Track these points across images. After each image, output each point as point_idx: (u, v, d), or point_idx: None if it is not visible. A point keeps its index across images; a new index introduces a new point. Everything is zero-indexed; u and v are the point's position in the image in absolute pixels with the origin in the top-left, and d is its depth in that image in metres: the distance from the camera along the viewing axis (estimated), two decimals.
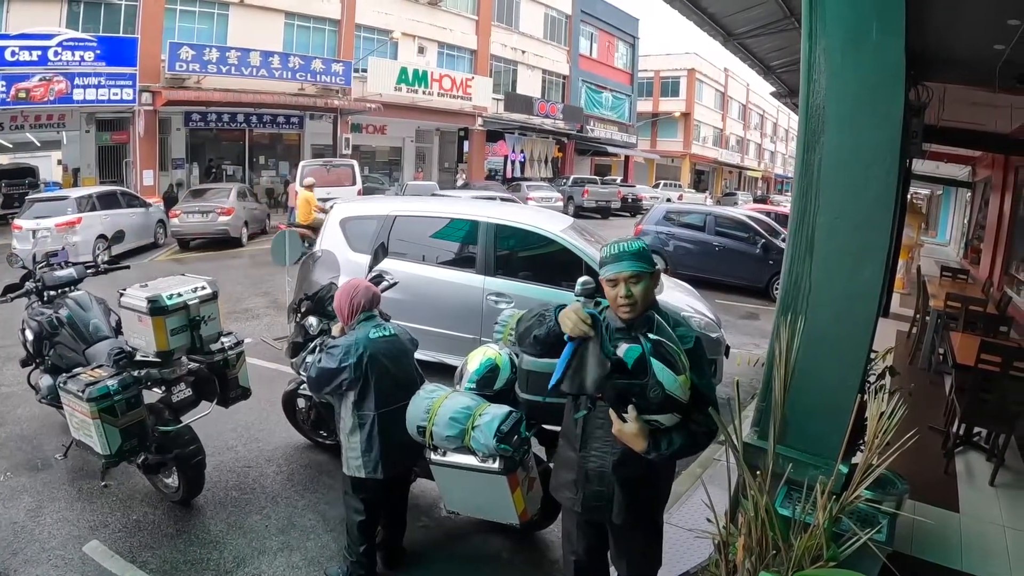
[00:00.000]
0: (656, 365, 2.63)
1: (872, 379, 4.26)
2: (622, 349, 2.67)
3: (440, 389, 4.10)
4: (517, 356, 4.06)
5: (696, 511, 4.66)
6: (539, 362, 3.58)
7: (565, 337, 2.80)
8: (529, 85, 42.51)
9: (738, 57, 8.93)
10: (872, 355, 3.77)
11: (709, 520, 2.97)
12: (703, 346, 2.96)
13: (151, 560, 4.58)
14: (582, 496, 3.11)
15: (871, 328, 3.27)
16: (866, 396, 3.22)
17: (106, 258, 14.91)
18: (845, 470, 2.98)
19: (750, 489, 2.83)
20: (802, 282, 3.32)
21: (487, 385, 4.11)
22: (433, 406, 3.90)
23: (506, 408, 3.81)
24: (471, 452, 3.78)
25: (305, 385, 5.61)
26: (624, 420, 2.74)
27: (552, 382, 2.81)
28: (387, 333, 4.17)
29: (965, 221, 22.37)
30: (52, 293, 6.13)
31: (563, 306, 2.90)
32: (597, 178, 40.56)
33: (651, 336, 2.72)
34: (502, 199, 18.68)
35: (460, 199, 14.75)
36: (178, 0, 26.34)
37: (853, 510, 2.87)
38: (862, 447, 3.08)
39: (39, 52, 22.04)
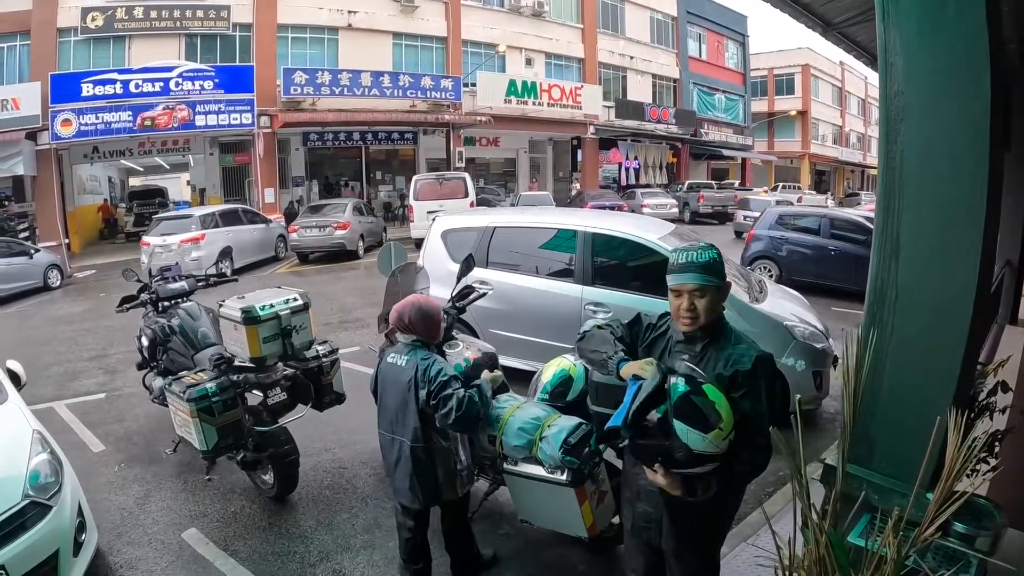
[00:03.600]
0: (679, 428, 2.55)
1: (982, 395, 3.94)
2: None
3: (512, 399, 4.10)
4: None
5: (762, 535, 4.47)
6: None
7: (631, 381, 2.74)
8: (639, 91, 42.03)
9: (841, 48, 8.54)
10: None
11: (780, 547, 2.83)
12: (765, 367, 2.79)
13: (242, 549, 4.90)
14: (632, 514, 3.08)
15: (965, 338, 2.90)
16: (968, 414, 2.96)
17: (228, 272, 15.65)
18: (931, 497, 2.67)
19: (810, 519, 2.67)
20: (888, 288, 3.05)
21: (560, 397, 4.06)
22: (504, 416, 3.90)
23: (576, 420, 3.75)
24: (539, 463, 3.76)
25: None
26: (655, 471, 2.69)
27: (615, 422, 2.72)
28: (394, 361, 4.01)
29: None
30: (165, 304, 6.70)
31: (625, 358, 2.89)
32: (713, 183, 39.78)
33: (680, 386, 2.59)
34: None
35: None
36: (289, 28, 27.72)
37: (940, 547, 2.64)
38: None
39: (161, 83, 23.83)
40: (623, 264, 7.65)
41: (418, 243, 17.26)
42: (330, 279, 16.86)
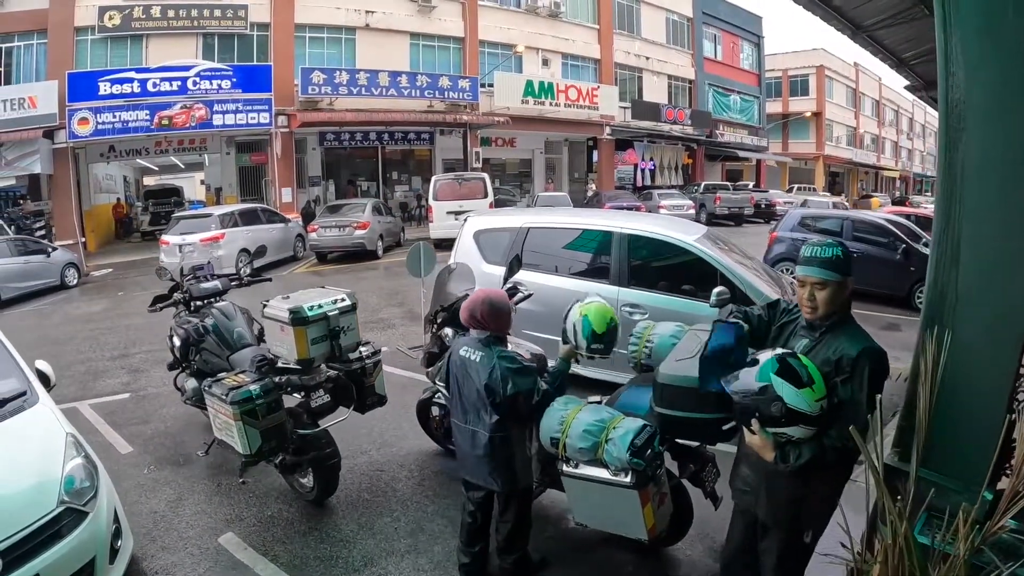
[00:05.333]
0: (775, 380, 2.81)
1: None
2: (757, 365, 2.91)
3: (573, 401, 4.03)
4: (650, 368, 4.02)
5: (830, 533, 4.44)
6: (675, 376, 3.52)
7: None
8: (655, 92, 41.84)
9: (868, 51, 8.51)
10: None
11: (843, 545, 2.82)
12: (870, 357, 2.98)
13: (282, 554, 4.82)
14: (736, 479, 3.35)
15: (1021, 343, 2.92)
16: (1015, 416, 2.96)
17: (249, 271, 15.64)
18: (990, 497, 2.75)
19: (889, 515, 2.65)
20: (948, 293, 3.06)
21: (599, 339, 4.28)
22: (567, 418, 3.84)
23: (640, 422, 3.71)
24: (603, 465, 3.70)
25: (439, 394, 5.73)
26: (752, 432, 2.95)
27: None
28: (468, 356, 4.11)
29: None
30: (198, 303, 6.62)
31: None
32: (728, 184, 39.60)
33: (778, 350, 2.96)
34: None
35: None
36: (307, 28, 27.78)
37: (998, 541, 2.64)
38: (1010, 471, 2.85)
39: (179, 83, 23.97)
40: (659, 265, 7.62)
41: (436, 243, 17.28)
42: (351, 279, 16.86)
